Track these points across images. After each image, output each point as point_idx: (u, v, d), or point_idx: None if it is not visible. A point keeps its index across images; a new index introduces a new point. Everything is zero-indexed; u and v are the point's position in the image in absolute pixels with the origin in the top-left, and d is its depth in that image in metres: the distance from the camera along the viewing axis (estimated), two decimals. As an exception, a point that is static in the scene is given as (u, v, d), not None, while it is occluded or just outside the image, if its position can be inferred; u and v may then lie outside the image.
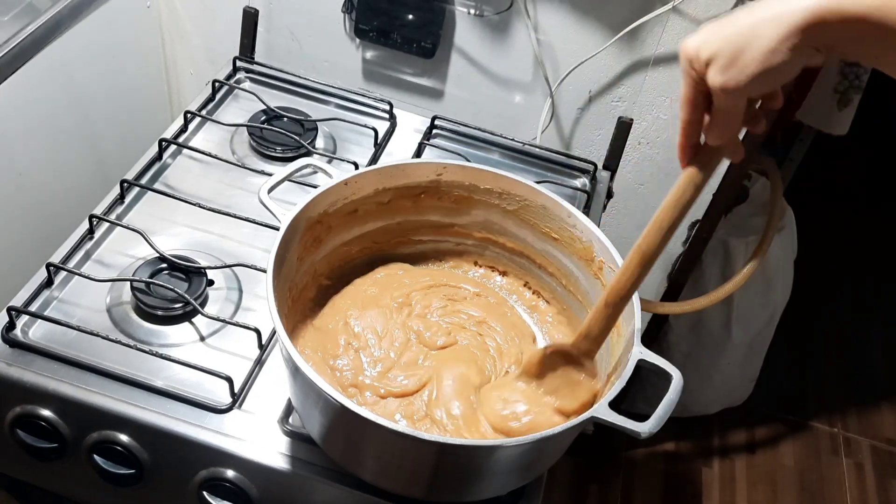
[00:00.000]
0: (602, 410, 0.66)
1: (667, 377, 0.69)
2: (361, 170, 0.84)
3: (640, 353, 0.70)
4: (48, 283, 0.91)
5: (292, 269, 0.81)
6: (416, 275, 0.91)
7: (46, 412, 0.83)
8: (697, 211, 1.36)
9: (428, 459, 0.71)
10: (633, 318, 0.73)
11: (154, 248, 0.93)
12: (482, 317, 0.87)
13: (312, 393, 0.69)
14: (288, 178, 0.84)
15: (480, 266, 0.96)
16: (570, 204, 0.83)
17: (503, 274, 0.95)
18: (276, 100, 1.20)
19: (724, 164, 1.29)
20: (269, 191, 0.81)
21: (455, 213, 0.91)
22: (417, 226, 0.93)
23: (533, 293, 0.93)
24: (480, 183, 0.87)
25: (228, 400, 0.83)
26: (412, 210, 0.90)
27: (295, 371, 0.68)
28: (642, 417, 0.66)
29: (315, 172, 0.88)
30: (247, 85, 1.24)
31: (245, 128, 1.14)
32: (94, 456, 0.83)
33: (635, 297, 0.74)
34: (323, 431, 0.75)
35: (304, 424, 0.79)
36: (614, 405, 0.67)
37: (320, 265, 0.88)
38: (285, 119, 1.16)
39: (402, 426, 0.63)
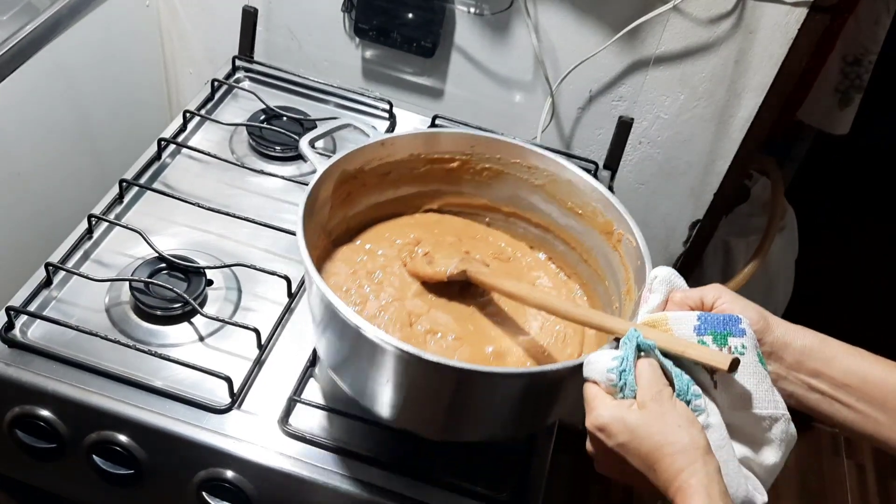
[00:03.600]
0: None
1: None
2: (397, 133, 0.88)
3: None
4: (47, 282, 0.91)
5: (324, 217, 0.84)
6: (457, 223, 0.96)
7: (45, 412, 0.82)
8: (698, 210, 1.36)
9: (448, 387, 0.72)
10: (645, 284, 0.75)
11: (153, 248, 0.93)
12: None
13: (340, 325, 0.70)
14: (329, 133, 0.89)
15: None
16: (594, 179, 0.86)
17: (530, 248, 0.97)
18: (276, 99, 1.20)
19: (724, 164, 1.29)
20: (311, 142, 0.86)
21: (485, 185, 0.94)
22: (449, 195, 0.95)
23: (556, 267, 0.95)
24: (510, 157, 0.90)
25: (227, 400, 0.83)
26: (445, 180, 0.93)
27: (329, 312, 0.70)
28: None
29: (347, 126, 0.91)
30: (246, 84, 1.24)
31: (244, 127, 1.14)
32: (93, 456, 0.83)
33: (646, 256, 0.76)
34: (343, 362, 0.77)
35: (334, 373, 0.79)
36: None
37: (352, 221, 0.91)
38: (285, 118, 1.16)
39: (430, 355, 0.66)
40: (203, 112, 1.16)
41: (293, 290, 0.94)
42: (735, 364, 0.60)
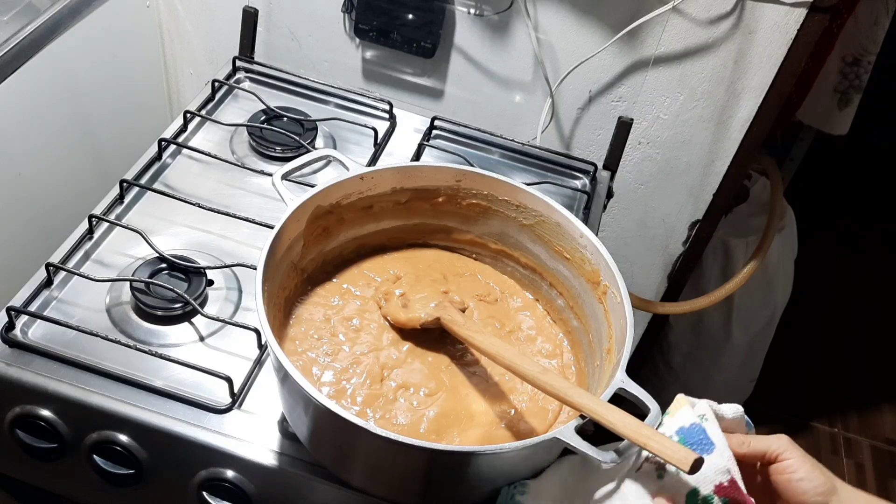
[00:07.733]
0: (567, 433, 0.64)
1: (644, 409, 0.67)
2: (379, 166, 0.84)
3: (622, 381, 0.68)
4: (47, 283, 0.91)
5: (296, 255, 0.81)
6: (442, 260, 0.91)
7: (46, 412, 0.83)
8: (698, 211, 1.36)
9: (418, 465, 0.70)
10: (624, 347, 0.71)
11: (153, 248, 0.93)
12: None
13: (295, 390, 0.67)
14: (305, 166, 0.85)
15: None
16: (583, 224, 0.82)
17: (519, 287, 0.93)
18: (276, 99, 1.20)
19: (724, 164, 1.29)
20: (283, 176, 0.82)
21: (472, 221, 0.90)
22: (434, 230, 0.92)
23: (544, 309, 0.91)
24: (499, 193, 0.86)
25: (228, 400, 0.83)
26: (430, 213, 0.89)
27: (281, 370, 0.67)
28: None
29: (329, 163, 0.87)
30: (246, 85, 1.24)
31: (245, 128, 1.14)
32: (94, 456, 0.83)
33: (629, 317, 0.73)
34: (310, 435, 0.74)
35: (291, 425, 0.77)
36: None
37: (330, 256, 0.87)
38: (285, 119, 1.16)
39: (391, 433, 0.62)
40: (203, 112, 1.16)
41: (293, 291, 0.94)
42: (698, 464, 0.58)
